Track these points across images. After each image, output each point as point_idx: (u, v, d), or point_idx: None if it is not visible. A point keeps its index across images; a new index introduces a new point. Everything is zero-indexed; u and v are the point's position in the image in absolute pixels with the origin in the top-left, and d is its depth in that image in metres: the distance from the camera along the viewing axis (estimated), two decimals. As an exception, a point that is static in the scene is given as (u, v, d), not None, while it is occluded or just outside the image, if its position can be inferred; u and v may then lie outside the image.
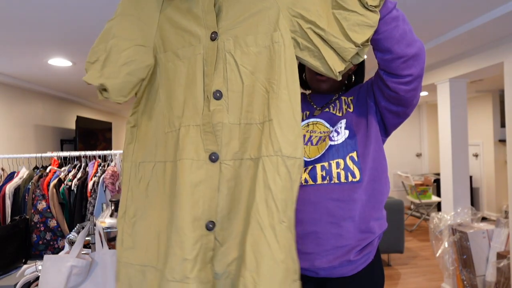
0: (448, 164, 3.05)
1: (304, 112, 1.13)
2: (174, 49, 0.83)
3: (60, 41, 2.22)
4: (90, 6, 1.70)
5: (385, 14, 0.82)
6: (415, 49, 0.89)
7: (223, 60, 0.79)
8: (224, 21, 0.80)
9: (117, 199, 1.65)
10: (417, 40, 0.91)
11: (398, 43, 0.86)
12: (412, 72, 0.90)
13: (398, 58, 0.87)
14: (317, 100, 1.18)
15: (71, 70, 3.01)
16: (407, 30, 0.87)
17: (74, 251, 1.36)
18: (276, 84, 0.76)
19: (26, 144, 3.62)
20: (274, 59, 0.77)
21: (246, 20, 0.79)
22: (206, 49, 0.80)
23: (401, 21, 0.86)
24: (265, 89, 0.78)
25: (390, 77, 0.92)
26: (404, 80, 0.91)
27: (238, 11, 0.80)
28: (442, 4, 1.83)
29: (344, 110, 1.07)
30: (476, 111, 5.57)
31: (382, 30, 0.83)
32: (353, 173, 0.97)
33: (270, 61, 0.77)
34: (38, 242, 2.25)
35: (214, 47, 0.80)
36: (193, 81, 0.80)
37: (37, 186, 2.35)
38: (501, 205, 5.31)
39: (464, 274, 2.89)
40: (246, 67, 0.78)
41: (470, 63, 2.75)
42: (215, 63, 0.79)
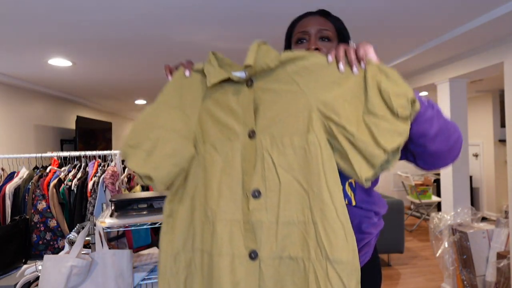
0: (448, 164, 3.05)
1: None
2: (213, 141, 0.86)
3: (60, 41, 2.22)
4: (90, 6, 1.70)
5: (418, 117, 0.81)
6: (451, 143, 0.87)
7: (260, 159, 0.82)
8: (262, 120, 0.84)
9: (117, 199, 1.65)
10: (453, 132, 0.88)
11: (432, 141, 0.84)
12: (446, 163, 0.91)
13: (431, 154, 0.87)
14: None
15: (71, 70, 3.01)
16: (443, 126, 0.84)
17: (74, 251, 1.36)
18: (317, 186, 0.78)
19: (26, 144, 3.62)
20: (311, 160, 0.79)
21: (282, 121, 0.82)
22: (244, 146, 0.84)
23: (436, 119, 0.84)
24: (304, 189, 0.79)
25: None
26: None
27: (275, 111, 0.83)
28: (442, 4, 1.83)
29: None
30: (476, 111, 5.57)
31: (415, 130, 0.82)
32: (350, 200, 0.97)
33: (306, 162, 0.79)
34: (38, 242, 2.25)
35: (253, 145, 0.83)
36: (230, 175, 0.83)
37: (37, 186, 2.35)
38: (501, 205, 5.31)
39: (464, 274, 2.89)
40: (283, 167, 0.80)
41: (470, 63, 2.75)
42: (254, 161, 0.83)
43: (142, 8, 1.76)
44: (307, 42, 1.04)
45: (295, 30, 1.08)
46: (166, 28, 2.04)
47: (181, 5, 1.74)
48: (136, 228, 1.57)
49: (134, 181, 2.69)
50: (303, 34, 1.05)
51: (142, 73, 3.21)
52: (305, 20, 1.07)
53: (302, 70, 0.83)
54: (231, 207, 0.81)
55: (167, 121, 0.88)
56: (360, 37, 2.34)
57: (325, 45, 1.03)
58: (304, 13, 1.10)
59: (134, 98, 4.89)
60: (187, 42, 2.32)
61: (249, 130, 0.84)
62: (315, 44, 1.02)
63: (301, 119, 0.81)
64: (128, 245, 2.23)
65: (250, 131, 0.84)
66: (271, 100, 0.84)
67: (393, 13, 1.93)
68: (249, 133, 0.84)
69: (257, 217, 0.79)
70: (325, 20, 1.06)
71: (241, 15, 1.90)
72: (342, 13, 1.95)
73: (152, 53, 2.55)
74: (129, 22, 1.94)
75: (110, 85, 3.76)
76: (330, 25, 1.05)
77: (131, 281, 1.42)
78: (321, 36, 1.03)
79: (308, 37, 1.04)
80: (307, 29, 1.04)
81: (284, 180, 0.80)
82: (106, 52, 2.50)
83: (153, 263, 1.63)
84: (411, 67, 3.27)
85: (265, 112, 0.84)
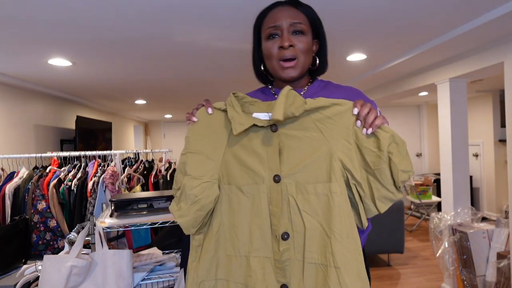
0: (448, 164, 3.05)
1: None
2: (238, 184, 0.91)
3: (60, 41, 2.22)
4: (90, 5, 1.70)
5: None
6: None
7: (286, 203, 0.88)
8: (286, 165, 0.88)
9: (117, 199, 1.65)
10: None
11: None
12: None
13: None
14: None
15: (71, 70, 3.01)
16: None
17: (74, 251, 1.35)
18: (338, 232, 0.84)
19: (26, 144, 3.62)
20: (333, 207, 0.85)
21: (306, 167, 0.87)
22: (270, 189, 0.89)
23: None
24: (326, 234, 0.85)
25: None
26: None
27: (299, 157, 0.88)
28: (442, 4, 1.83)
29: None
30: (476, 111, 5.57)
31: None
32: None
33: (329, 209, 0.85)
34: (38, 242, 2.25)
35: (278, 189, 0.88)
36: (259, 216, 0.89)
37: (37, 186, 2.35)
38: (501, 205, 5.31)
39: (464, 274, 2.89)
40: (308, 212, 0.86)
41: (470, 63, 2.75)
42: (280, 204, 0.88)
43: (142, 8, 1.76)
44: (279, 37, 0.98)
45: (265, 23, 1.01)
46: (167, 28, 2.04)
47: (181, 5, 1.74)
48: (136, 228, 1.57)
49: (134, 181, 2.69)
50: (274, 29, 0.98)
51: (142, 73, 3.21)
52: (275, 12, 1.00)
53: (325, 118, 0.89)
54: (263, 246, 0.89)
55: (192, 169, 0.93)
56: (361, 37, 2.34)
57: (299, 40, 0.98)
58: (273, 3, 1.03)
59: (134, 98, 4.89)
60: (187, 42, 2.31)
61: (274, 175, 0.88)
62: (288, 40, 0.97)
63: (324, 166, 0.86)
64: (128, 245, 2.23)
65: (275, 176, 0.88)
66: (296, 146, 0.89)
67: (393, 13, 1.93)
68: (274, 178, 0.88)
69: (287, 256, 0.87)
70: (296, 11, 1.00)
71: (241, 15, 1.90)
72: (342, 13, 1.95)
73: (152, 53, 2.55)
74: (129, 22, 1.94)
75: (110, 85, 3.76)
76: (302, 17, 1.00)
77: (131, 281, 1.42)
78: (294, 30, 0.98)
79: (280, 31, 0.98)
80: (279, 24, 0.98)
81: (308, 225, 0.86)
82: (106, 52, 2.50)
83: (153, 263, 1.63)
84: (411, 67, 3.27)
85: (289, 158, 0.89)
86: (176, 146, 9.19)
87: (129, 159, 3.12)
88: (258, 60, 1.08)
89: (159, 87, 4.00)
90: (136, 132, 8.71)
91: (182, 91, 4.36)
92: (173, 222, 1.63)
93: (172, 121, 9.45)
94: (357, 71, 3.46)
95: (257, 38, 1.05)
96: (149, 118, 8.72)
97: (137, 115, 7.73)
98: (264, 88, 1.13)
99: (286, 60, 0.98)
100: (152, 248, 1.88)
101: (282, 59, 0.98)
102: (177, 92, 4.39)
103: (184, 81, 3.68)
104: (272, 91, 1.10)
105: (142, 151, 3.00)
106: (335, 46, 2.49)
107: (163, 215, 1.61)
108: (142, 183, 2.64)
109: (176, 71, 3.16)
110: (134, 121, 8.20)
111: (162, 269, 1.62)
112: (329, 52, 1.10)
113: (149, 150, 3.03)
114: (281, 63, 0.98)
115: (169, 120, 9.37)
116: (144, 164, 2.95)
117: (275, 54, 0.99)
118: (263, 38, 1.01)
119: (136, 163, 2.99)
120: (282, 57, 0.98)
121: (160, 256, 1.70)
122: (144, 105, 5.67)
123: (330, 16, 1.92)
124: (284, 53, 0.97)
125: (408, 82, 3.68)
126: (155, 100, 5.15)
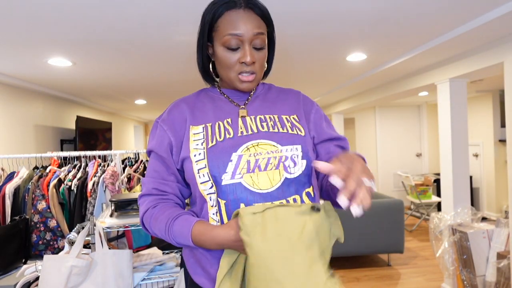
0: (448, 164, 3.05)
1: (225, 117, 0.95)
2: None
3: (60, 41, 2.22)
4: (90, 5, 1.70)
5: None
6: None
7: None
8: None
9: (117, 199, 1.65)
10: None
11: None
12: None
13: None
14: (235, 96, 1.00)
15: (71, 70, 3.01)
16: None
17: (74, 251, 1.36)
18: None
19: (26, 144, 3.62)
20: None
21: None
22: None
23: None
24: None
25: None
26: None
27: None
28: (442, 4, 1.83)
29: (289, 127, 0.94)
30: (476, 111, 5.57)
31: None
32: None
33: None
34: (38, 242, 2.25)
35: None
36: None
37: (37, 186, 2.35)
38: (501, 205, 5.31)
39: (464, 274, 2.89)
40: None
41: (470, 63, 2.75)
42: None
43: (142, 8, 1.76)
44: (239, 49, 0.90)
45: (222, 25, 0.90)
46: (166, 28, 2.04)
47: (181, 5, 1.74)
48: (136, 228, 1.57)
49: (134, 181, 2.69)
50: (235, 39, 0.88)
51: (142, 73, 3.21)
52: (235, 16, 0.89)
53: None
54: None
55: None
56: (361, 37, 2.34)
57: (260, 56, 0.92)
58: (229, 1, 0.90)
59: (134, 98, 4.89)
60: (187, 42, 2.32)
61: None
62: (251, 56, 0.89)
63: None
64: (128, 245, 2.23)
65: None
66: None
67: (393, 13, 1.93)
68: None
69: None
70: (256, 17, 0.90)
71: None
72: (342, 13, 1.95)
73: (152, 53, 2.55)
74: (129, 22, 1.94)
75: (110, 85, 3.76)
76: (263, 26, 0.92)
77: (131, 281, 1.42)
78: (255, 46, 0.90)
79: (241, 43, 0.89)
80: (240, 33, 0.88)
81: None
82: (106, 52, 2.50)
83: (153, 263, 1.63)
84: (411, 67, 3.27)
85: None
86: (176, 146, 9.19)
87: (129, 159, 3.12)
88: (206, 58, 0.99)
89: (159, 87, 4.00)
90: (136, 132, 8.72)
91: (182, 91, 4.36)
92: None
93: (172, 121, 9.43)
94: (357, 71, 3.46)
95: (207, 33, 0.94)
96: (149, 118, 8.72)
97: (137, 115, 7.73)
98: (208, 89, 1.04)
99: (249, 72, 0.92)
100: (152, 248, 1.88)
101: (243, 73, 0.92)
102: (177, 92, 4.40)
103: (184, 81, 3.68)
104: (220, 92, 1.01)
105: (142, 151, 3.00)
106: (335, 46, 2.49)
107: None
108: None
109: (176, 71, 3.16)
110: (134, 121, 8.20)
111: (162, 269, 1.62)
112: (329, 52, 1.09)
113: (149, 150, 3.02)
114: (240, 77, 0.92)
115: (169, 120, 9.35)
116: (144, 164, 2.95)
117: (235, 67, 0.91)
118: (219, 43, 0.91)
119: (136, 163, 2.99)
120: (243, 72, 0.91)
121: (160, 256, 1.70)
122: (144, 105, 5.67)
123: (330, 16, 1.92)
124: (245, 69, 0.91)
125: (408, 82, 3.68)
126: (155, 100, 5.15)
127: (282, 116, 0.97)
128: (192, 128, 0.94)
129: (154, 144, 0.97)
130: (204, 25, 0.94)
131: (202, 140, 0.91)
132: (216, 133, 0.91)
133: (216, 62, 0.96)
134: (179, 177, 0.96)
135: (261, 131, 0.92)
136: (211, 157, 0.88)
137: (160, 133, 0.96)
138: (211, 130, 0.92)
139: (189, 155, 0.90)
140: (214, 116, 0.95)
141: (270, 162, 0.88)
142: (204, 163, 0.88)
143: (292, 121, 0.97)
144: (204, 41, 0.96)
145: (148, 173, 0.98)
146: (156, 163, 0.96)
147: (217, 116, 0.95)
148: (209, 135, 0.91)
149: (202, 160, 0.88)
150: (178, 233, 0.87)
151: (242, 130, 0.92)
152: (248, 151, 0.89)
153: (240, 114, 0.96)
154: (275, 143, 0.90)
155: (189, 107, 0.98)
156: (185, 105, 0.99)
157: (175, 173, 0.96)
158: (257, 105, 0.99)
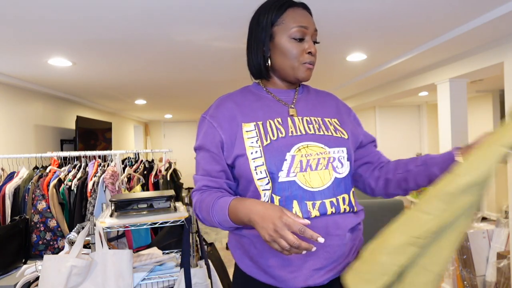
0: (448, 164, 3.05)
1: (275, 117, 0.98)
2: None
3: (60, 41, 2.22)
4: (90, 5, 1.70)
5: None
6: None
7: None
8: None
9: (117, 199, 1.65)
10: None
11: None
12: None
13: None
14: (282, 95, 1.05)
15: (71, 70, 3.01)
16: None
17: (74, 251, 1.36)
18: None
19: (26, 144, 3.62)
20: None
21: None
22: None
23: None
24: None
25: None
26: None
27: None
28: (442, 4, 1.83)
29: (332, 130, 1.00)
30: (476, 111, 5.57)
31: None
32: (353, 208, 0.97)
33: None
34: (38, 242, 2.25)
35: None
36: None
37: (37, 186, 2.35)
38: (501, 205, 5.31)
39: (464, 274, 2.89)
40: None
41: (470, 63, 2.75)
42: None
43: (142, 8, 1.76)
44: (305, 41, 0.97)
45: (287, 20, 0.96)
46: (166, 28, 2.04)
47: (181, 5, 1.74)
48: (136, 228, 1.57)
49: (134, 181, 2.69)
50: (303, 31, 0.96)
51: (142, 73, 3.21)
52: (299, 12, 0.98)
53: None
54: None
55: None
56: (361, 37, 2.34)
57: (316, 49, 1.01)
58: (287, 1, 0.98)
59: (134, 98, 4.89)
60: (187, 42, 2.32)
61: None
62: (314, 47, 0.99)
63: None
64: (128, 245, 2.23)
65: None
66: None
67: (393, 13, 1.93)
68: None
69: None
70: (311, 18, 1.01)
71: (241, 15, 1.90)
72: (342, 13, 1.95)
73: (152, 53, 2.55)
74: (129, 22, 1.94)
75: (110, 85, 3.76)
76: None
77: (131, 281, 1.42)
78: (314, 40, 1.00)
79: (306, 35, 0.97)
80: (308, 26, 0.97)
81: None
82: (106, 52, 2.50)
83: (153, 263, 1.63)
84: (411, 67, 3.27)
85: None
86: (176, 146, 9.20)
87: (129, 159, 3.12)
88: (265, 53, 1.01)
89: (159, 87, 4.00)
90: (136, 132, 8.72)
91: (182, 91, 4.36)
92: (173, 222, 1.63)
93: (172, 121, 9.45)
94: (357, 71, 3.46)
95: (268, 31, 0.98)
96: (149, 118, 8.73)
97: (137, 115, 7.73)
98: (251, 87, 1.07)
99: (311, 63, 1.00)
100: (152, 248, 1.88)
101: (307, 62, 0.98)
102: (177, 92, 4.40)
103: (184, 81, 3.68)
104: (265, 89, 1.04)
105: (142, 151, 3.00)
106: (335, 46, 2.49)
107: (163, 215, 1.61)
108: (142, 183, 2.64)
109: (176, 71, 3.16)
110: (134, 121, 8.20)
111: (162, 269, 1.62)
112: (329, 52, 1.11)
113: (149, 150, 3.03)
114: (304, 66, 0.98)
115: (169, 120, 9.37)
116: (144, 164, 2.95)
117: (300, 57, 0.97)
118: (285, 35, 0.96)
119: (136, 163, 2.99)
120: (309, 61, 0.98)
121: (160, 256, 1.70)
122: (144, 105, 5.67)
123: (331, 16, 1.92)
124: (312, 59, 0.98)
125: (408, 82, 3.68)
126: (155, 100, 5.15)
127: (325, 119, 1.02)
128: (244, 125, 0.97)
129: (204, 140, 1.00)
130: (266, 22, 0.98)
131: (256, 138, 0.94)
132: (269, 131, 0.95)
133: (275, 55, 0.99)
134: (229, 173, 0.99)
135: (309, 133, 0.97)
136: (268, 155, 0.91)
137: (210, 130, 0.99)
138: (263, 129, 0.95)
139: (245, 152, 0.93)
140: (264, 115, 0.98)
141: (320, 163, 0.93)
142: (261, 160, 0.91)
143: (334, 124, 1.02)
144: (266, 35, 0.98)
145: (198, 171, 1.01)
146: (206, 160, 0.99)
147: (267, 114, 0.98)
148: (262, 134, 0.94)
149: (259, 158, 0.92)
150: (219, 209, 0.89)
151: (292, 130, 0.96)
152: (300, 152, 0.93)
153: (290, 113, 1.00)
154: (323, 145, 0.95)
155: (236, 104, 1.01)
156: (232, 101, 1.02)
157: (225, 170, 0.99)
158: (302, 105, 1.03)
